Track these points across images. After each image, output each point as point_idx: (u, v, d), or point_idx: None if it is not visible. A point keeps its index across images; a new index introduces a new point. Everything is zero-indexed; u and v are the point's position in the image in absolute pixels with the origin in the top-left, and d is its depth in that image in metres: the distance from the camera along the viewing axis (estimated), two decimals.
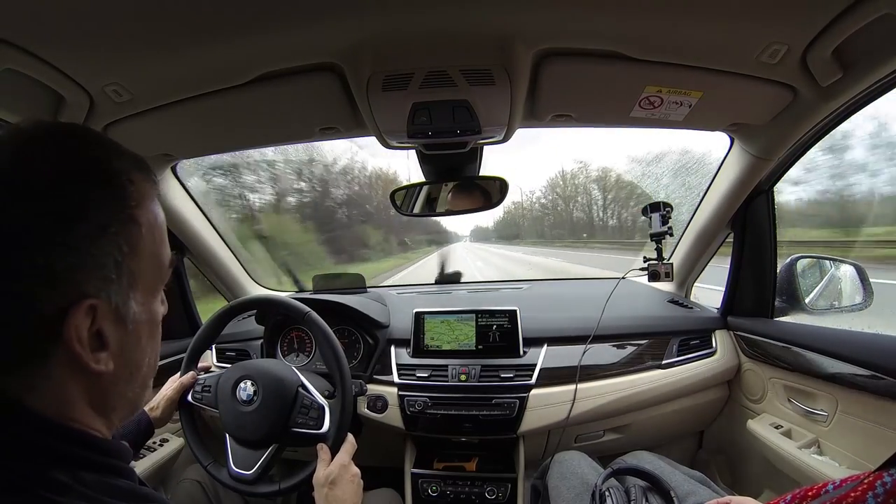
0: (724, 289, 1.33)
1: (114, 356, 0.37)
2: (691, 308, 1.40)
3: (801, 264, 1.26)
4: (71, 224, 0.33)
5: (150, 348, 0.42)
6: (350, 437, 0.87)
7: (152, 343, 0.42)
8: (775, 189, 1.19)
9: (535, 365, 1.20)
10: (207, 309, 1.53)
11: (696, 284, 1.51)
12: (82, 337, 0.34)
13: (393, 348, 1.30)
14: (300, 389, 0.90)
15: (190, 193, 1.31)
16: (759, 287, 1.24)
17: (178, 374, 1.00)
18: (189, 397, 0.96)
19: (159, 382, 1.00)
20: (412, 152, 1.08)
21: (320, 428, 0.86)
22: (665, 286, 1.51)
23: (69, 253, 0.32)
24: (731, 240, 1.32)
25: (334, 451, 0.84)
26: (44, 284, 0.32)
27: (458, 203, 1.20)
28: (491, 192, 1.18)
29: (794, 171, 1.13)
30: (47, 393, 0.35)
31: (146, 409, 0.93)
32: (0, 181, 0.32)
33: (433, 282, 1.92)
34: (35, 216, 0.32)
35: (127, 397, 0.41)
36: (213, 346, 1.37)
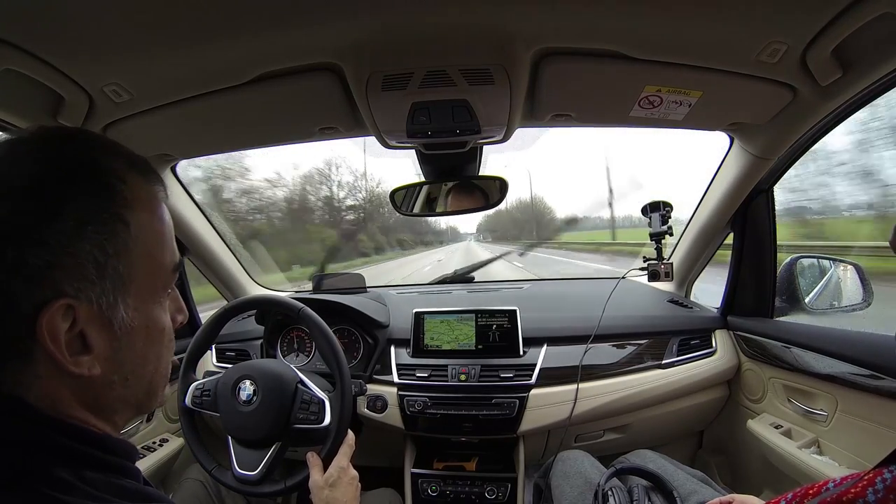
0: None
1: (102, 360, 0.36)
2: (691, 308, 1.40)
3: (800, 264, 1.26)
4: (46, 221, 0.33)
5: (151, 355, 0.40)
6: (350, 435, 0.87)
7: (155, 350, 0.41)
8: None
9: (534, 365, 1.20)
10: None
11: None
12: (57, 337, 0.33)
13: (393, 348, 1.30)
14: (299, 385, 0.90)
15: (189, 194, 1.31)
16: (759, 287, 1.24)
17: (178, 377, 1.00)
18: (188, 402, 0.96)
19: None
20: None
21: (321, 422, 0.87)
22: (665, 286, 1.51)
23: (44, 249, 0.32)
24: (731, 240, 1.32)
25: (336, 444, 0.85)
26: (18, 280, 0.32)
27: (457, 203, 1.20)
28: (490, 191, 1.18)
29: None
30: (40, 391, 0.35)
31: None
32: None
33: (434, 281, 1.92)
34: (13, 213, 0.32)
35: (128, 402, 0.40)
36: (213, 347, 1.37)
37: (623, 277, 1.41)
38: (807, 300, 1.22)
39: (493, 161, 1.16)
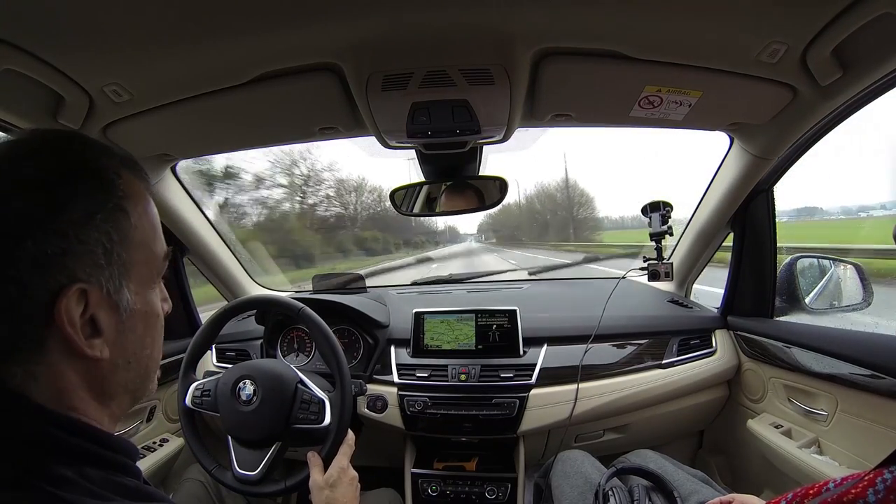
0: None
1: (109, 344, 0.38)
2: (691, 308, 1.40)
3: (801, 264, 1.26)
4: (58, 211, 0.35)
5: (148, 339, 0.43)
6: (350, 435, 0.87)
7: (151, 334, 0.43)
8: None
9: (534, 365, 1.20)
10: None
11: None
12: (73, 321, 0.35)
13: (393, 348, 1.30)
14: (299, 385, 0.90)
15: (189, 193, 1.31)
16: (759, 286, 1.24)
17: (179, 376, 1.00)
18: (189, 402, 0.96)
19: (162, 382, 1.00)
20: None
21: (321, 422, 0.87)
22: (665, 286, 1.51)
23: (58, 238, 0.34)
24: (731, 240, 1.32)
25: (336, 444, 0.85)
26: (36, 269, 0.34)
27: (457, 203, 1.21)
28: (490, 191, 1.18)
29: None
30: (46, 380, 0.36)
31: None
32: None
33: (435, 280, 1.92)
34: (25, 207, 0.34)
35: (126, 387, 0.42)
36: (213, 347, 1.37)
37: (623, 277, 1.41)
38: (807, 300, 1.22)
39: (495, 155, 1.16)
